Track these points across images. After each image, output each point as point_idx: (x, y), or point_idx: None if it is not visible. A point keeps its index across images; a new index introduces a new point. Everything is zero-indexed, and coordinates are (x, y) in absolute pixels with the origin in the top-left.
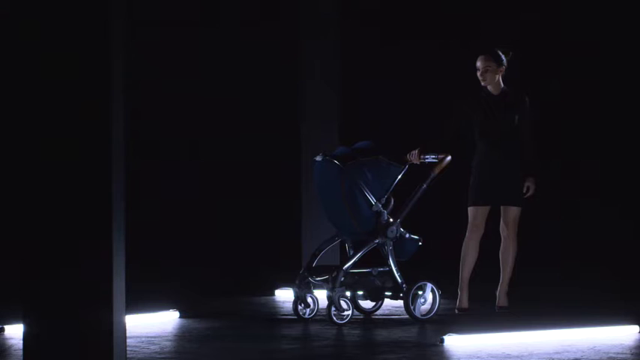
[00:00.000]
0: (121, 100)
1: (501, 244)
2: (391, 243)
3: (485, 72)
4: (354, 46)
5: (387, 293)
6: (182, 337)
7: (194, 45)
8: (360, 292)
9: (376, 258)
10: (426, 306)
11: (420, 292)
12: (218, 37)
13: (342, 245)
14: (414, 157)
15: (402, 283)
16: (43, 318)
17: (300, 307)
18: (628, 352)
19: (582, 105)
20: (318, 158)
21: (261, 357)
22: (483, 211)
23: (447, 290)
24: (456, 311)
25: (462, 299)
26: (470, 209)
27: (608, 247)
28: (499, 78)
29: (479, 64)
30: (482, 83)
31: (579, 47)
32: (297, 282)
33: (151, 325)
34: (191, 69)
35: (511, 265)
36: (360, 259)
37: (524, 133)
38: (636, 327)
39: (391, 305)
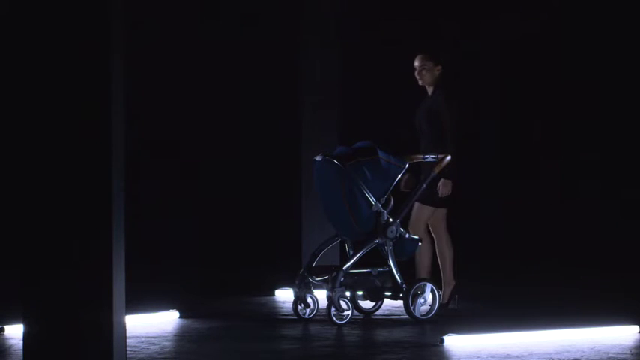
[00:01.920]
0: (120, 100)
1: None
2: (391, 243)
3: (421, 71)
4: (354, 46)
5: (386, 293)
6: (182, 337)
7: (194, 44)
8: (360, 292)
9: (376, 258)
10: (426, 306)
11: (420, 292)
12: (218, 37)
13: (342, 245)
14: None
15: (402, 283)
16: (43, 318)
17: (300, 307)
18: (628, 352)
19: (582, 104)
20: (318, 158)
21: (261, 357)
22: (415, 208)
23: None
24: None
25: None
26: None
27: (608, 247)
28: (436, 78)
29: (416, 63)
30: (420, 82)
31: (579, 46)
32: (297, 282)
33: (151, 325)
34: (191, 69)
35: (445, 265)
36: (360, 259)
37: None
38: (636, 327)
39: (391, 305)
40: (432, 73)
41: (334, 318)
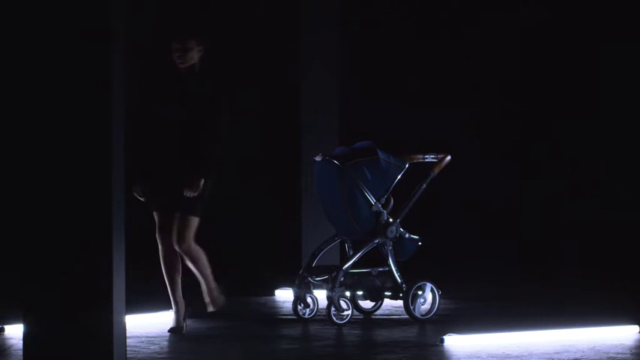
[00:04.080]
0: (121, 100)
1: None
2: (391, 243)
3: (184, 49)
4: (355, 45)
5: (386, 293)
6: (182, 337)
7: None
8: (360, 292)
9: (376, 258)
10: (426, 306)
11: (420, 292)
12: (218, 37)
13: (342, 245)
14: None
15: (402, 283)
16: (43, 318)
17: (300, 307)
18: (628, 352)
19: (583, 104)
20: (318, 158)
21: (261, 357)
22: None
23: (446, 290)
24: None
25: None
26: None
27: (608, 247)
28: (197, 60)
29: (176, 44)
30: (181, 65)
31: (579, 45)
32: (297, 282)
33: (151, 325)
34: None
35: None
36: (359, 259)
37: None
38: (636, 327)
39: (391, 305)
40: (195, 55)
41: (334, 318)
